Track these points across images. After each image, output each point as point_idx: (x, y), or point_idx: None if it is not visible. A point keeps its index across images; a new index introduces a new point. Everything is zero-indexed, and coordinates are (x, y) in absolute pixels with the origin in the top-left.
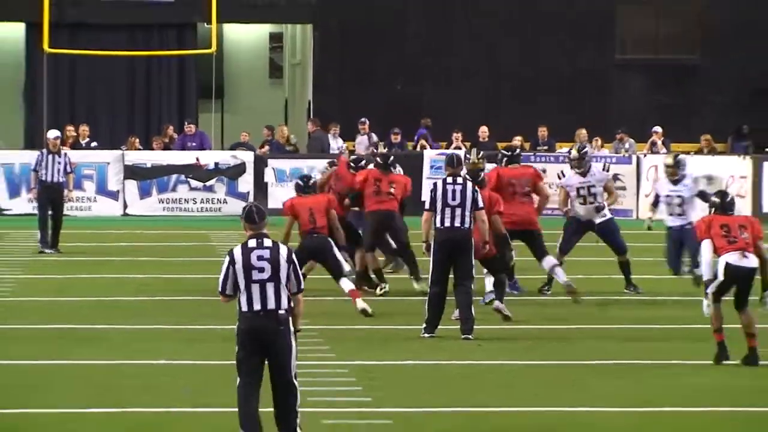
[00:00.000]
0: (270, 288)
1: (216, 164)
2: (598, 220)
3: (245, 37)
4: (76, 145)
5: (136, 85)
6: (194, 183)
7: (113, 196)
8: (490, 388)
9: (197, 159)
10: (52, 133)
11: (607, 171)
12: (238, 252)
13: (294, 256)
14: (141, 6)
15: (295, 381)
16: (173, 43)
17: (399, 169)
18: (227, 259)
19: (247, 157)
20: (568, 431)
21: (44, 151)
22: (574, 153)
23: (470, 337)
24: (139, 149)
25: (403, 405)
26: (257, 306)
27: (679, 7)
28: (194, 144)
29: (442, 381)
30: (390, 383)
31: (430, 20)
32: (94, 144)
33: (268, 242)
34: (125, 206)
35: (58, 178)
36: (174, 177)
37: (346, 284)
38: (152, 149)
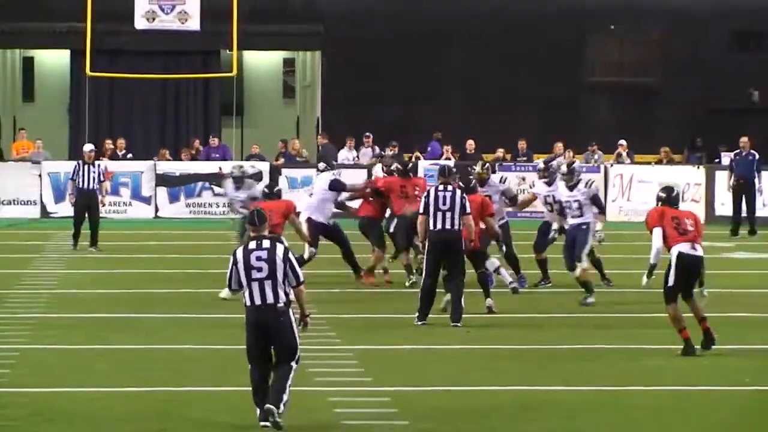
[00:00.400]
0: (268, 285)
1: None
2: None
3: (262, 62)
4: (114, 157)
5: (166, 104)
6: (217, 189)
7: (146, 201)
8: (477, 369)
9: (220, 168)
10: (88, 147)
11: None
12: (240, 253)
13: (290, 253)
14: (171, 35)
15: (294, 364)
16: (199, 68)
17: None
18: (231, 259)
19: (264, 166)
20: (546, 407)
21: (80, 162)
22: (541, 165)
23: (459, 324)
24: (169, 160)
25: (400, 384)
26: (258, 301)
27: (641, 36)
28: (217, 155)
29: (434, 363)
30: (387, 365)
31: (422, 48)
32: (129, 155)
33: (266, 243)
34: (156, 210)
35: (93, 185)
36: (199, 184)
37: None
38: (181, 160)
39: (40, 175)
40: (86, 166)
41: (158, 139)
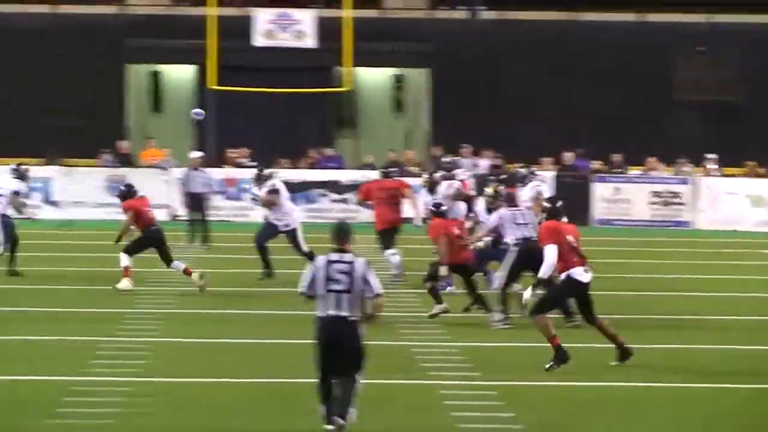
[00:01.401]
0: (344, 298)
1: (351, 181)
2: None
3: (373, 78)
4: (237, 165)
5: (285, 116)
6: (333, 196)
7: None
8: (582, 366)
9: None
10: (195, 154)
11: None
12: (322, 262)
13: (369, 267)
14: (290, 52)
15: (358, 377)
16: (315, 83)
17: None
18: (312, 266)
19: (374, 175)
20: (652, 403)
21: (189, 168)
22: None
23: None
24: (288, 169)
25: (507, 379)
26: (332, 312)
27: (725, 56)
28: (332, 164)
29: (540, 358)
30: (494, 360)
31: (519, 66)
32: (251, 163)
33: (348, 257)
34: None
35: (200, 189)
36: (316, 191)
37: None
38: (299, 169)
39: (167, 181)
40: (194, 172)
41: (276, 149)
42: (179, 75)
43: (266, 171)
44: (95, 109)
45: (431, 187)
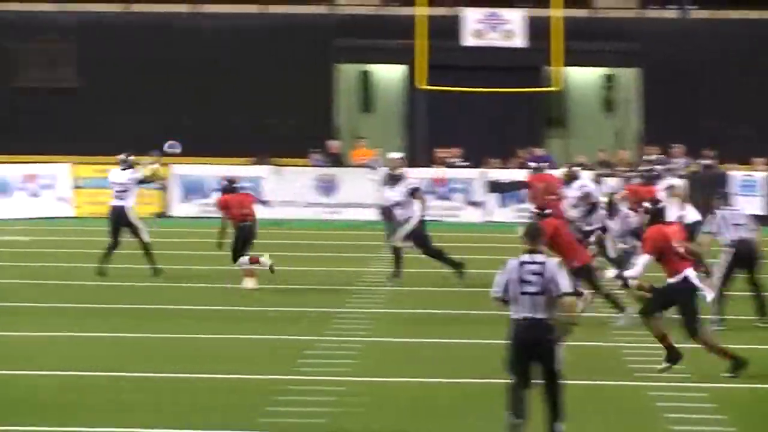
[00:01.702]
0: (538, 300)
1: None
2: None
3: (583, 78)
4: (447, 164)
5: (494, 116)
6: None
7: (478, 205)
8: None
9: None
10: (394, 155)
11: None
12: (514, 264)
13: (560, 268)
14: (498, 51)
15: (559, 379)
16: (524, 82)
17: None
18: (504, 268)
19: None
20: None
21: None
22: None
23: None
24: (499, 168)
25: (719, 381)
26: (528, 314)
27: None
28: (542, 164)
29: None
30: (705, 362)
31: (729, 66)
32: (462, 163)
33: (539, 258)
34: (488, 214)
35: None
36: (524, 191)
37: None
38: (508, 168)
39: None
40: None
41: (486, 148)
42: (389, 75)
43: (398, 171)
44: (305, 108)
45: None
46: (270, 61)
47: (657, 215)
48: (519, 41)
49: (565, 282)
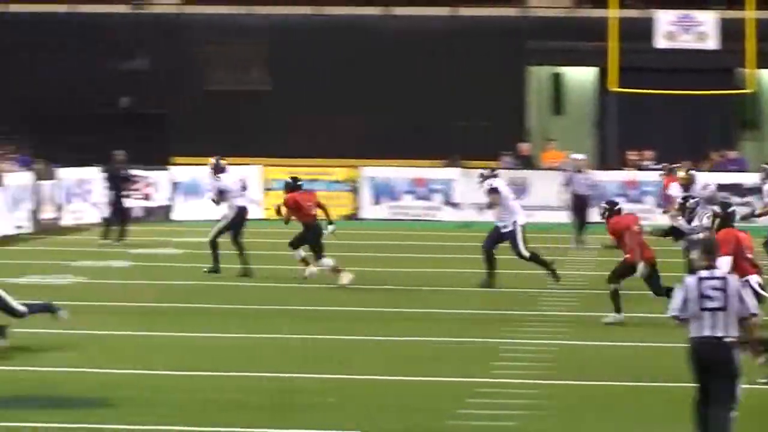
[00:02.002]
0: (720, 317)
1: (753, 184)
2: None
3: None
4: (638, 167)
5: (686, 118)
6: (735, 199)
7: None
8: None
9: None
10: (578, 156)
11: None
12: (693, 280)
13: (744, 285)
14: (690, 53)
15: (732, 408)
16: (717, 84)
17: None
18: (682, 286)
19: None
20: None
21: (573, 170)
22: None
23: None
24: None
25: None
26: (707, 332)
27: None
28: (734, 167)
29: None
30: None
31: None
32: (654, 165)
33: (719, 273)
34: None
35: (584, 191)
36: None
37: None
38: (701, 171)
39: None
40: (578, 174)
41: (677, 150)
42: (580, 77)
43: (486, 170)
44: (496, 111)
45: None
46: (460, 64)
47: (727, 219)
48: (712, 43)
49: (752, 301)
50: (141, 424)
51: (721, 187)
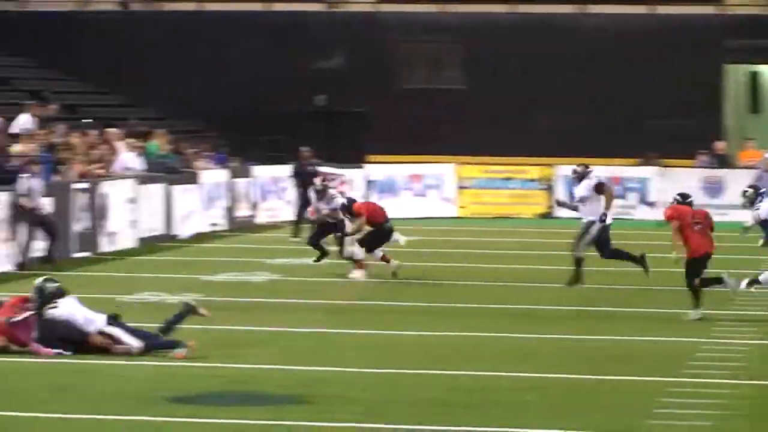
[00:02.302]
0: None
1: None
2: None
3: None
4: None
5: None
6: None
7: None
8: None
9: None
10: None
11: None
12: None
13: None
14: None
15: None
16: None
17: None
18: None
19: None
20: None
21: (763, 168)
22: None
23: None
24: None
25: None
26: None
27: None
28: None
29: None
30: None
31: None
32: None
33: None
34: None
35: None
36: None
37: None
38: None
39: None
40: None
41: None
42: None
43: (579, 167)
44: (693, 109)
45: None
46: (656, 62)
47: None
48: None
49: None
50: (337, 422)
51: None
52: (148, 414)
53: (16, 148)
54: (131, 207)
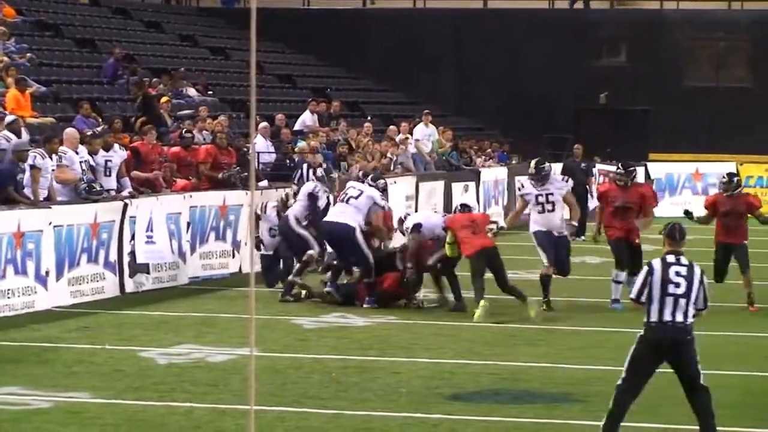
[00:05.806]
0: (682, 302)
1: None
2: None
3: None
4: None
5: None
6: None
7: None
8: None
9: None
10: None
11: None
12: (657, 264)
13: (705, 276)
14: None
15: (704, 383)
16: None
17: None
18: (646, 269)
19: None
20: None
21: None
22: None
23: None
24: None
25: None
26: (668, 317)
27: None
28: None
29: None
30: None
31: None
32: None
33: (684, 260)
34: None
35: None
36: None
37: None
38: None
39: None
40: None
41: None
42: None
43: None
44: None
45: None
46: None
47: None
48: None
49: (707, 297)
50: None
51: None
52: (424, 411)
53: (300, 144)
54: (407, 204)
